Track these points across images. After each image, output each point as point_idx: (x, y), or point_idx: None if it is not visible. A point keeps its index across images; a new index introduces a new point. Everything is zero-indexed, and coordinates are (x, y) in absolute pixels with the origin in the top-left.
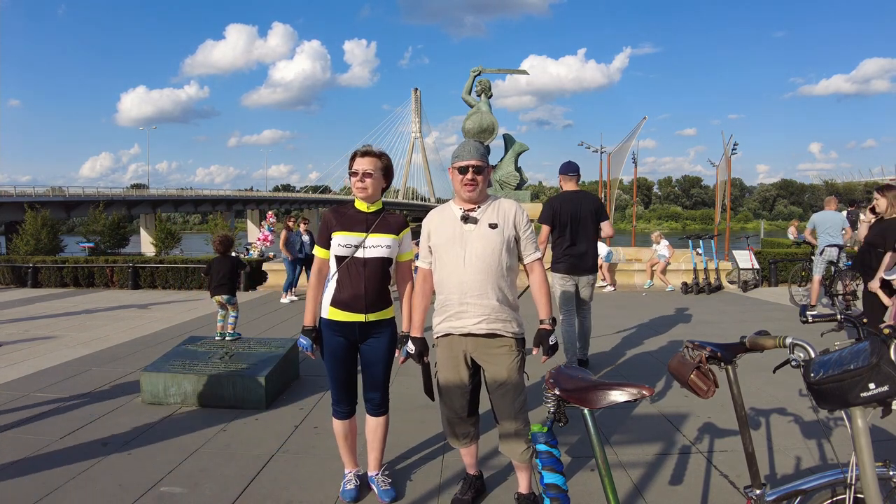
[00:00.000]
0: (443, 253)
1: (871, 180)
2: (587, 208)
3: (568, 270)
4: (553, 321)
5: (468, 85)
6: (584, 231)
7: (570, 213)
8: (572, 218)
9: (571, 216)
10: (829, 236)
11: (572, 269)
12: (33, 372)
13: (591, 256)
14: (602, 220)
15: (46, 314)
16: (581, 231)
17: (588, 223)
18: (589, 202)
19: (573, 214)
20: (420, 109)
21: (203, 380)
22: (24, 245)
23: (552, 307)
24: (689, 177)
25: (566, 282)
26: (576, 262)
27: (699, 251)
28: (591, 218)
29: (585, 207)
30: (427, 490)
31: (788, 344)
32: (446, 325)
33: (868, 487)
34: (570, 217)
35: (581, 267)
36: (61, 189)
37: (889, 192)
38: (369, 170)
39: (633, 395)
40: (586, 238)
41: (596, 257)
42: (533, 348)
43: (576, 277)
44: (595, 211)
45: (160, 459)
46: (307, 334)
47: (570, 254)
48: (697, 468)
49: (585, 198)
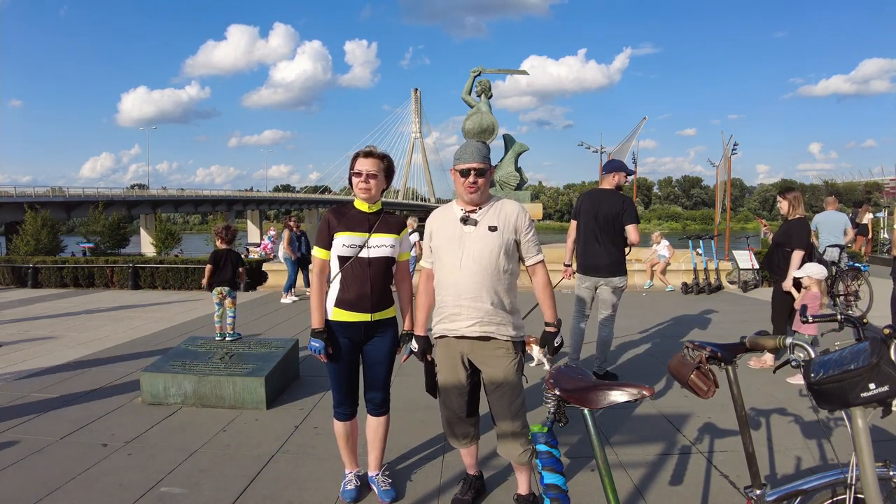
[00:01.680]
0: (442, 254)
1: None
2: (606, 209)
3: (580, 270)
4: (558, 323)
5: (468, 85)
6: (599, 231)
7: (588, 211)
8: (589, 216)
9: (588, 215)
10: (830, 237)
11: (583, 269)
12: (33, 372)
13: (605, 258)
14: (626, 224)
15: (46, 314)
16: (596, 231)
17: (606, 224)
18: (610, 203)
19: (590, 213)
20: (420, 109)
21: (203, 380)
22: (24, 245)
23: (556, 309)
24: (689, 177)
25: (580, 282)
26: (585, 263)
27: (699, 251)
28: (610, 219)
29: (605, 208)
30: (427, 490)
31: (789, 344)
32: (441, 326)
33: (868, 487)
34: (588, 216)
35: (590, 268)
36: (61, 189)
37: (789, 195)
38: (373, 171)
39: (634, 395)
40: (599, 239)
41: (614, 260)
42: (538, 349)
43: (588, 278)
44: (615, 213)
45: (160, 459)
46: (318, 336)
47: (582, 253)
48: (698, 468)
49: (608, 198)
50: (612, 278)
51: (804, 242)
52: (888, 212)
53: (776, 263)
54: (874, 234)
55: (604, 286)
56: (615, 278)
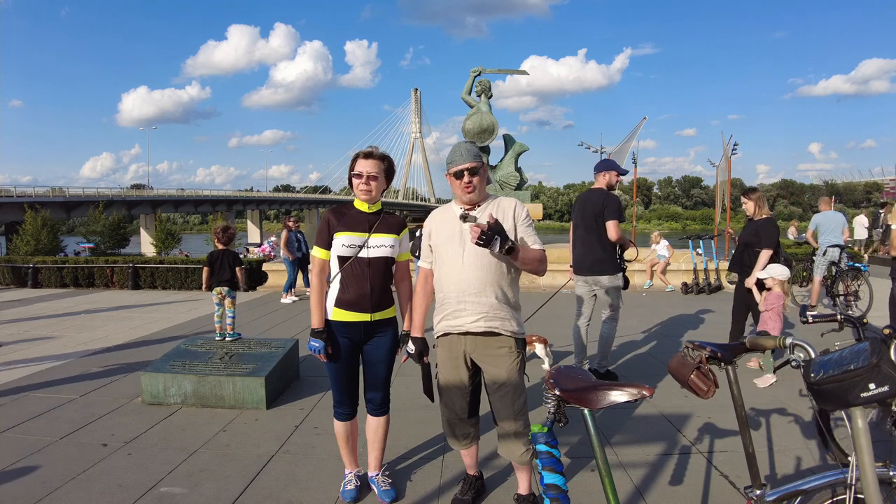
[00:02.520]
0: (442, 252)
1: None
2: (590, 208)
3: (573, 270)
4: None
5: (468, 85)
6: (585, 231)
7: (577, 212)
8: (578, 217)
9: (577, 215)
10: (830, 237)
11: (575, 270)
12: (33, 372)
13: (589, 256)
14: (606, 220)
15: (46, 314)
16: (581, 231)
17: (589, 223)
18: (593, 202)
19: (579, 214)
20: (420, 109)
21: (203, 380)
22: (24, 245)
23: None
24: (690, 177)
25: (577, 282)
26: (575, 263)
27: (699, 251)
28: (593, 217)
29: (589, 207)
30: (427, 490)
31: (789, 344)
32: (444, 324)
33: (868, 488)
34: (577, 216)
35: (579, 267)
36: (61, 189)
37: (754, 195)
38: (374, 172)
39: (634, 395)
40: (585, 238)
41: (598, 259)
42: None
43: (581, 279)
44: (597, 211)
45: (160, 459)
46: (318, 336)
47: (573, 253)
48: (698, 468)
49: (594, 196)
50: (600, 277)
51: (773, 242)
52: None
53: (746, 263)
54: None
55: (595, 286)
56: (603, 277)
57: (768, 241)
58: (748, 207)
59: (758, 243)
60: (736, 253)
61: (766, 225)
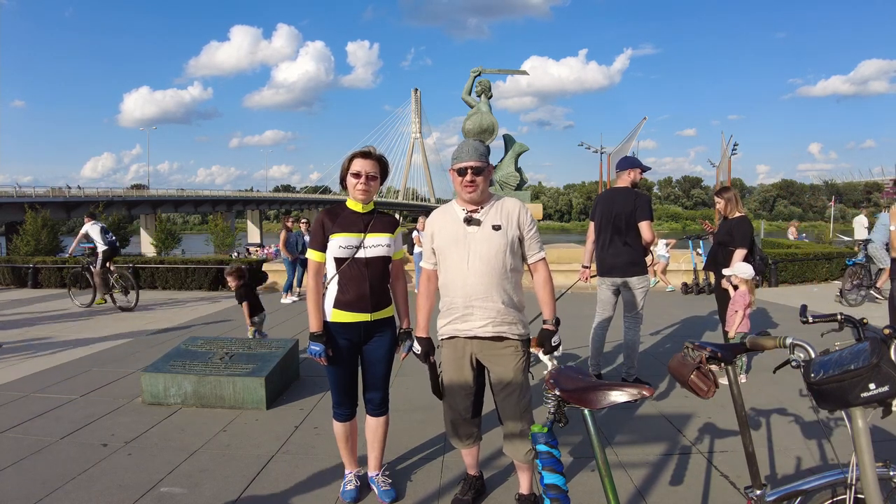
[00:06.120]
0: (446, 255)
1: (870, 180)
2: (619, 208)
3: (598, 272)
4: (557, 322)
5: (468, 85)
6: (613, 231)
7: (603, 212)
8: (604, 217)
9: (604, 215)
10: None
11: (600, 271)
12: (33, 372)
13: (619, 258)
14: (639, 221)
15: (46, 314)
16: (610, 231)
17: (619, 223)
18: (623, 201)
19: (605, 214)
20: (420, 110)
21: (203, 380)
22: (25, 245)
23: (555, 308)
24: (690, 177)
25: (600, 285)
26: (602, 264)
27: (699, 251)
28: (623, 218)
29: (617, 207)
30: (427, 490)
31: (789, 344)
32: (451, 327)
33: (868, 488)
34: (602, 216)
35: (607, 269)
36: (61, 189)
37: (726, 194)
38: (373, 172)
39: (634, 395)
40: (613, 239)
41: (629, 260)
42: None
43: (606, 280)
44: (628, 211)
45: (160, 459)
46: (317, 340)
47: (599, 254)
48: (698, 468)
49: (620, 196)
50: (630, 279)
51: (746, 241)
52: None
53: (720, 262)
54: None
55: (623, 287)
56: (633, 279)
57: (741, 240)
58: (721, 207)
59: (731, 242)
60: (711, 252)
61: (739, 224)
